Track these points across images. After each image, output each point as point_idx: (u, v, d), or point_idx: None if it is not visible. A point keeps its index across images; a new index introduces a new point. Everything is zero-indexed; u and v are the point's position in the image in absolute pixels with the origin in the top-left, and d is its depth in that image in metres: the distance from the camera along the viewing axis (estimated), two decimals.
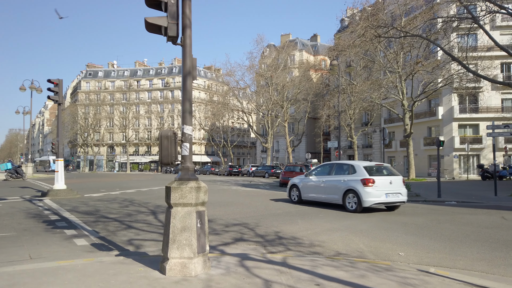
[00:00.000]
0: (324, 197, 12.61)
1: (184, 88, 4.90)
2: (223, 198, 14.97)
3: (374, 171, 11.76)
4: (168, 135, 4.82)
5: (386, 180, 11.42)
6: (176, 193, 4.66)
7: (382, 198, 11.07)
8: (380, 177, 11.47)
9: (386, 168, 12.42)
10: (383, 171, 12.13)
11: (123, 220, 9.05)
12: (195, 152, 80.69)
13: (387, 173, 11.98)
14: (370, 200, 10.96)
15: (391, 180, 11.47)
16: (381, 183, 11.22)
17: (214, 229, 8.06)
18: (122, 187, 20.68)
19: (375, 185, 11.06)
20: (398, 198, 11.44)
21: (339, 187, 11.90)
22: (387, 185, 11.32)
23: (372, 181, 11.07)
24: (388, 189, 11.25)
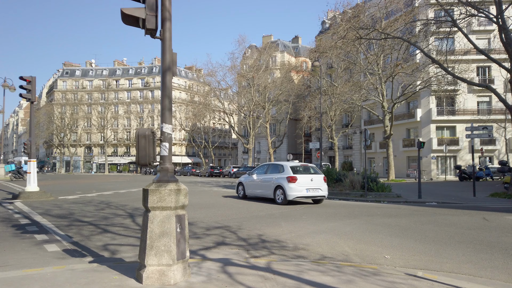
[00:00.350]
0: (261, 192, 14.82)
1: (164, 84, 4.61)
2: (204, 200, 14.64)
3: (299, 170, 13.96)
4: (146, 134, 4.52)
5: (307, 178, 13.56)
6: (154, 196, 4.36)
7: (303, 193, 13.28)
8: (302, 175, 13.61)
9: (310, 167, 14.64)
10: (307, 170, 14.30)
11: (98, 224, 8.63)
12: (176, 153, 79.69)
13: (309, 172, 14.12)
14: (293, 194, 13.15)
15: (312, 178, 13.67)
16: (303, 180, 13.36)
17: (195, 232, 7.77)
18: (99, 189, 20.04)
19: (297, 182, 13.21)
20: (318, 193, 13.64)
21: (271, 184, 14.08)
22: (309, 182, 13.49)
23: (295, 179, 13.24)
24: (309, 186, 13.42)
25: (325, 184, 14.04)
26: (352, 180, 17.89)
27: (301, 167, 14.38)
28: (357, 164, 52.58)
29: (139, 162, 4.55)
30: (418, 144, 15.66)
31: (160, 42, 4.62)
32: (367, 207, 12.74)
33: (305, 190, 13.29)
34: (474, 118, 40.81)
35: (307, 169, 14.48)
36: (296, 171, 13.83)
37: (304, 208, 12.11)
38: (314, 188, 13.54)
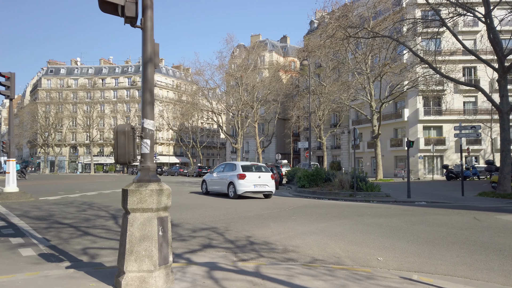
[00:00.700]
0: (218, 188, 16.81)
1: (145, 77, 4.30)
2: (191, 200, 14.30)
3: (249, 169, 15.91)
4: (125, 130, 4.20)
5: (256, 176, 15.49)
6: (134, 196, 4.05)
7: (251, 188, 15.21)
8: (251, 173, 15.55)
9: (261, 166, 16.66)
10: (257, 169, 16.25)
11: (79, 226, 8.24)
12: (163, 153, 78.85)
13: (258, 171, 16.02)
14: (241, 189, 15.10)
15: (260, 176, 15.61)
16: (251, 177, 15.31)
17: (181, 234, 7.45)
18: (82, 189, 19.50)
19: (246, 179, 15.17)
20: (265, 189, 15.65)
21: (225, 180, 16.10)
22: (256, 179, 15.42)
23: (244, 176, 15.22)
24: (256, 182, 15.38)
25: (272, 181, 16.03)
26: (341, 179, 17.74)
27: (252, 166, 16.49)
28: (345, 163, 52.72)
29: (118, 160, 4.23)
30: (407, 144, 15.59)
31: (141, 32, 4.31)
32: (357, 207, 12.58)
33: (253, 186, 15.29)
34: (460, 118, 41.23)
35: (257, 168, 16.45)
36: (246, 169, 15.80)
37: (294, 208, 11.87)
38: (261, 184, 15.52)
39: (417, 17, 19.29)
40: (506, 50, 16.07)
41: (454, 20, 16.62)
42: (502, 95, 15.79)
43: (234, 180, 15.37)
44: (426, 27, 19.33)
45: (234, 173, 15.77)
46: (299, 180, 20.25)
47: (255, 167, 16.41)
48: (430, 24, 18.62)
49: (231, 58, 52.26)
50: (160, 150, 78.16)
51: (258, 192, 15.63)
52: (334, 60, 35.92)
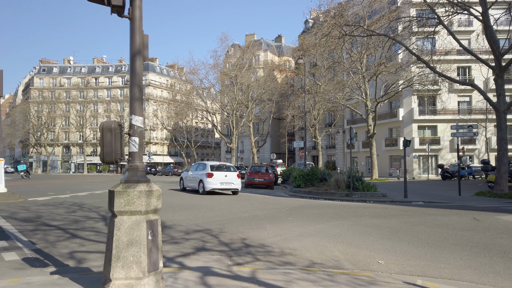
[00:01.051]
0: (192, 185, 18.64)
1: (133, 70, 4.01)
2: (185, 201, 14.00)
3: (216, 168, 17.62)
4: (112, 127, 3.91)
5: (222, 174, 17.29)
6: (121, 198, 3.77)
7: (218, 185, 17.03)
8: (219, 172, 17.32)
9: (229, 166, 18.48)
10: (224, 168, 18.02)
11: (67, 228, 7.92)
12: (157, 152, 78.28)
13: (226, 170, 17.79)
14: (209, 186, 16.90)
15: (227, 174, 17.41)
16: (218, 176, 17.12)
17: (173, 237, 7.16)
18: (73, 190, 19.11)
19: (213, 177, 16.99)
20: (231, 186, 17.42)
21: (197, 178, 17.96)
22: (223, 177, 17.21)
23: (212, 175, 17.03)
24: (223, 180, 17.16)
25: (238, 179, 17.76)
26: (337, 179, 17.54)
27: (220, 166, 18.17)
28: (340, 163, 52.62)
29: (104, 159, 3.94)
30: (404, 143, 15.41)
31: (129, 22, 4.03)
32: (354, 207, 12.36)
33: (219, 184, 17.09)
34: (455, 118, 41.26)
35: (225, 167, 18.24)
36: (214, 169, 17.52)
37: (290, 209, 11.62)
38: (227, 182, 17.31)
39: (414, 16, 19.07)
40: (502, 49, 15.97)
41: (451, 18, 16.48)
42: (499, 94, 15.68)
43: (203, 178, 17.20)
44: (423, 26, 19.18)
45: (203, 172, 17.54)
46: (294, 180, 20.02)
47: (223, 166, 18.20)
48: (426, 22, 18.45)
49: (226, 57, 51.94)
50: (154, 149, 77.60)
51: (224, 189, 17.70)
52: (330, 59, 35.74)
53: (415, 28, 24.49)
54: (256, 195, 17.50)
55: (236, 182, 17.58)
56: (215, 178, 17.04)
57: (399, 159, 43.80)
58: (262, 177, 23.49)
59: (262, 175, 23.61)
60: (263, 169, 24.66)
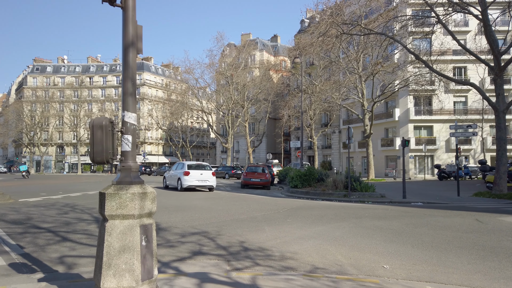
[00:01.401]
0: (172, 183, 20.27)
1: (126, 63, 3.74)
2: (180, 201, 13.70)
3: (193, 167, 19.35)
4: (103, 125, 3.63)
5: (198, 172, 19.02)
6: (113, 201, 3.49)
7: (194, 183, 18.77)
8: (195, 170, 19.04)
9: (203, 165, 20.28)
10: (200, 167, 19.79)
11: (58, 231, 7.61)
12: (152, 152, 77.72)
13: (202, 169, 19.50)
14: (186, 183, 18.66)
15: (202, 173, 19.11)
16: (194, 174, 18.85)
17: (169, 240, 6.88)
18: (66, 190, 18.72)
19: (190, 175, 18.72)
20: (206, 183, 19.10)
21: (176, 176, 19.77)
22: (199, 176, 18.95)
23: (188, 173, 18.77)
24: (199, 178, 18.90)
25: (213, 177, 19.45)
26: (335, 179, 17.32)
27: (196, 165, 19.99)
28: (336, 163, 52.50)
29: (94, 159, 3.66)
30: (403, 143, 15.23)
31: (122, 12, 3.75)
32: (353, 208, 12.14)
33: (195, 181, 18.84)
34: (451, 118, 41.28)
35: (201, 166, 20.07)
36: (191, 168, 19.24)
37: (288, 210, 11.37)
38: (203, 180, 19.03)
39: (413, 14, 18.91)
40: (501, 48, 15.83)
41: (450, 17, 16.32)
42: (498, 93, 15.55)
43: (181, 176, 18.98)
44: (421, 24, 18.99)
45: (181, 170, 19.31)
46: (291, 180, 19.79)
47: (198, 165, 20.08)
48: (424, 22, 18.28)
49: (221, 57, 51.64)
50: (149, 149, 77.06)
51: (199, 186, 19.25)
52: (326, 59, 35.56)
53: (411, 28, 24.40)
54: (253, 196, 17.24)
55: (211, 180, 19.30)
56: (191, 176, 18.80)
57: (395, 159, 43.72)
58: (259, 177, 23.23)
59: (258, 175, 23.35)
60: (260, 169, 24.41)
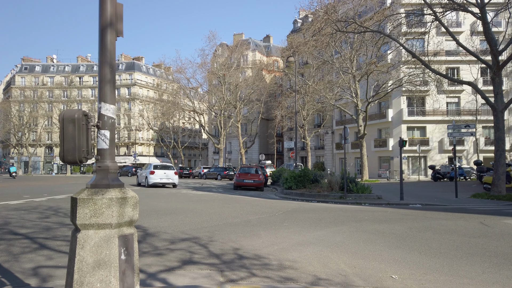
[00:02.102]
0: (142, 181, 23.97)
1: (103, 47, 3.20)
2: (171, 204, 13.12)
3: (158, 167, 23.29)
4: (75, 118, 3.08)
5: (162, 172, 22.76)
6: (86, 208, 2.95)
7: (158, 180, 22.50)
8: (159, 170, 22.84)
9: (167, 166, 24.04)
10: (164, 167, 23.56)
11: (36, 237, 7.01)
12: (143, 153, 76.74)
13: (166, 168, 23.29)
14: (151, 181, 22.42)
15: (166, 172, 22.83)
16: (159, 173, 22.63)
17: (156, 247, 6.34)
18: (52, 192, 18.00)
19: (155, 174, 22.51)
20: (169, 181, 22.83)
21: (144, 175, 23.58)
22: (162, 174, 22.68)
23: (153, 172, 22.57)
24: (162, 176, 22.65)
25: (175, 176, 23.31)
26: (330, 181, 16.90)
27: (161, 165, 24.08)
28: (329, 164, 52.24)
29: (64, 158, 3.11)
30: (400, 143, 14.85)
31: None
32: (351, 210, 11.69)
33: (159, 179, 22.60)
34: (444, 119, 41.26)
35: (165, 167, 23.79)
36: (156, 168, 23.18)
37: (284, 213, 10.87)
38: (166, 178, 22.76)
39: (409, 12, 18.62)
40: (500, 46, 15.57)
41: (448, 14, 16.01)
42: (496, 92, 15.26)
43: (148, 175, 22.80)
44: (416, 24, 18.67)
45: (148, 170, 22.99)
46: (285, 182, 19.31)
47: (162, 166, 23.98)
48: (422, 18, 17.94)
49: (214, 57, 51.08)
50: (140, 150, 76.08)
51: (163, 183, 22.98)
52: (319, 59, 35.22)
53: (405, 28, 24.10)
54: (247, 198, 16.71)
55: (173, 178, 23.05)
56: (156, 174, 22.59)
57: (388, 160, 43.56)
58: (252, 178, 22.71)
59: (251, 176, 22.84)
60: (253, 170, 23.91)
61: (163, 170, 22.94)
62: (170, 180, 22.86)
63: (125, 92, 77.74)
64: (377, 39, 24.17)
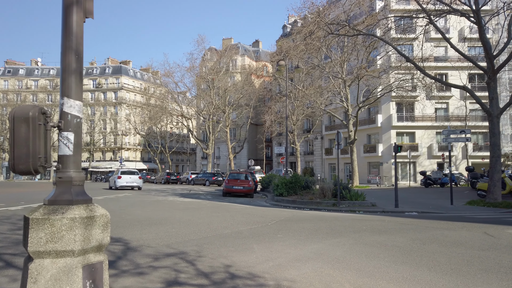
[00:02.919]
0: (112, 184, 28.89)
1: (67, 29, 2.58)
2: (156, 213, 12.40)
3: (125, 173, 28.50)
4: (30, 117, 2.45)
5: (128, 176, 27.86)
6: (40, 230, 2.33)
7: (124, 183, 27.30)
8: (125, 175, 27.93)
9: (132, 171, 29.61)
10: (129, 173, 28.79)
11: (3, 253, 6.26)
12: (130, 158, 75.34)
13: (130, 174, 28.52)
14: (119, 184, 27.16)
15: (131, 177, 27.91)
16: (124, 178, 27.59)
17: (138, 264, 5.66)
18: (30, 200, 17.08)
19: (122, 178, 27.36)
20: (133, 184, 27.82)
21: (113, 179, 28.60)
22: (128, 179, 27.63)
23: (120, 177, 27.51)
24: (128, 180, 27.58)
25: (140, 180, 28.44)
26: (323, 187, 16.38)
27: (128, 171, 29.89)
28: (318, 170, 51.89)
29: (14, 166, 2.47)
30: (395, 148, 14.43)
31: None
32: (347, 219, 11.14)
33: (125, 182, 27.51)
34: (433, 125, 41.33)
35: (131, 172, 29.26)
36: (123, 173, 28.44)
37: (277, 222, 10.26)
38: (130, 182, 27.80)
39: (403, 15, 18.40)
40: (495, 50, 15.34)
41: (442, 17, 15.76)
42: (492, 97, 14.99)
43: (116, 179, 27.84)
44: (408, 28, 18.42)
45: (117, 175, 28.25)
46: (276, 188, 18.72)
47: (129, 172, 29.51)
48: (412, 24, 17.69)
49: (202, 61, 50.46)
50: (126, 155, 74.71)
51: (128, 186, 27.94)
52: (309, 63, 34.89)
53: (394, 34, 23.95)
54: (236, 205, 16.06)
55: (137, 182, 28.18)
56: (122, 179, 27.57)
57: (378, 165, 43.40)
58: (241, 184, 22.05)
59: (241, 183, 22.18)
60: (242, 176, 23.26)
61: (129, 175, 28.26)
62: (135, 184, 27.97)
63: (112, 96, 76.45)
64: (368, 43, 23.91)
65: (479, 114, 42.19)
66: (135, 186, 28.00)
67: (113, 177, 29.36)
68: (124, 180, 27.37)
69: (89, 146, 72.38)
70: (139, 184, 28.14)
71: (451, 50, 41.48)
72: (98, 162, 72.74)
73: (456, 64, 38.39)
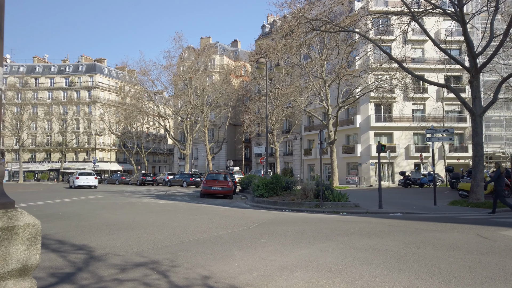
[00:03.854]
0: (71, 184, 33.75)
1: None
2: (128, 216, 11.50)
3: (83, 174, 33.44)
4: None
5: (85, 177, 32.77)
6: None
7: (82, 183, 32.31)
8: (83, 176, 32.89)
9: (89, 172, 34.36)
10: (87, 174, 33.65)
11: None
12: (104, 159, 73.08)
13: (87, 174, 33.44)
14: (76, 184, 32.24)
15: (87, 177, 32.86)
16: (82, 178, 32.57)
17: (101, 277, 4.87)
18: None
19: (79, 179, 32.42)
20: (89, 183, 32.70)
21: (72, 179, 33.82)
22: (85, 179, 32.61)
23: (78, 177, 32.61)
24: (85, 180, 32.65)
25: (95, 180, 33.15)
26: (304, 188, 15.86)
27: (85, 172, 34.17)
28: (297, 170, 51.62)
29: None
30: (379, 148, 14.08)
31: None
32: (332, 221, 10.59)
33: (82, 182, 32.17)
34: (411, 126, 41.71)
35: (87, 173, 33.77)
36: (81, 174, 33.06)
37: (259, 225, 9.58)
38: (88, 181, 32.57)
39: (387, 12, 18.16)
40: (478, 49, 15.24)
41: (424, 14, 15.55)
42: (475, 96, 14.85)
43: (74, 180, 32.64)
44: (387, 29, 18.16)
45: (75, 176, 33.08)
46: (256, 189, 18.08)
47: (86, 173, 33.84)
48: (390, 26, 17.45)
49: (180, 60, 49.30)
50: (101, 156, 72.41)
51: (85, 186, 32.36)
52: (289, 63, 34.48)
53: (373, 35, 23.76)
54: (215, 207, 15.31)
55: (93, 181, 32.88)
56: (80, 179, 32.26)
57: (356, 166, 43.44)
58: (220, 185, 21.27)
59: (220, 183, 21.40)
60: (221, 176, 22.48)
61: (86, 176, 32.98)
62: (91, 183, 32.72)
63: (85, 95, 74.01)
64: (349, 43, 23.64)
65: (455, 116, 42.89)
66: (91, 185, 32.63)
67: (72, 178, 34.29)
68: (82, 180, 32.16)
69: (61, 147, 69.74)
70: (95, 183, 32.90)
71: (428, 52, 42.20)
72: (71, 163, 70.17)
73: (433, 66, 38.90)
